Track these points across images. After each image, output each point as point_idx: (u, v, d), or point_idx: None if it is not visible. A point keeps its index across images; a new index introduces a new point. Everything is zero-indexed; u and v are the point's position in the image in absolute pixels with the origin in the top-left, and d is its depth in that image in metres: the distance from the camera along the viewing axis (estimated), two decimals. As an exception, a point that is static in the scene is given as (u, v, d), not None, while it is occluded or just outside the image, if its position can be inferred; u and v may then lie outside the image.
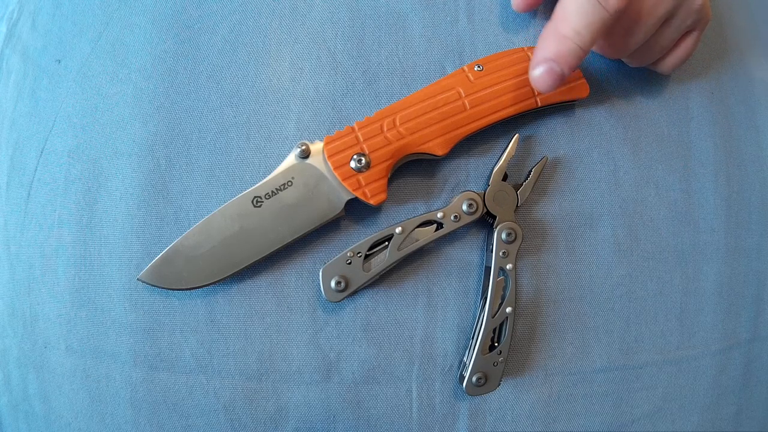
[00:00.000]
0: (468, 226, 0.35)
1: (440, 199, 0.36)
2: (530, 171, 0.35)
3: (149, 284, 0.32)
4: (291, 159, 0.33)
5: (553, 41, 0.31)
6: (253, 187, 0.33)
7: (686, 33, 0.35)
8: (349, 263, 0.33)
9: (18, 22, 0.37)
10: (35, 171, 0.35)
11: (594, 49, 0.36)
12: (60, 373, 0.34)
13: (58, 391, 0.35)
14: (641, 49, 0.35)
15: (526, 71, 0.34)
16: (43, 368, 0.35)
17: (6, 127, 0.36)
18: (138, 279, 0.32)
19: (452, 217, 0.34)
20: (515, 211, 0.34)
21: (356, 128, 0.33)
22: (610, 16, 0.30)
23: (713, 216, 0.37)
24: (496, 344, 0.34)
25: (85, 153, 0.35)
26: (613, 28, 0.32)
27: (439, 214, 0.33)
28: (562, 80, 0.31)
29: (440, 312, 0.35)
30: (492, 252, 0.34)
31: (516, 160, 0.36)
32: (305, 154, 0.33)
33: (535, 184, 0.35)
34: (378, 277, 0.33)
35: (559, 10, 0.31)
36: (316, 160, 0.33)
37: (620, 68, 0.38)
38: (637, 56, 0.35)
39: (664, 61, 0.36)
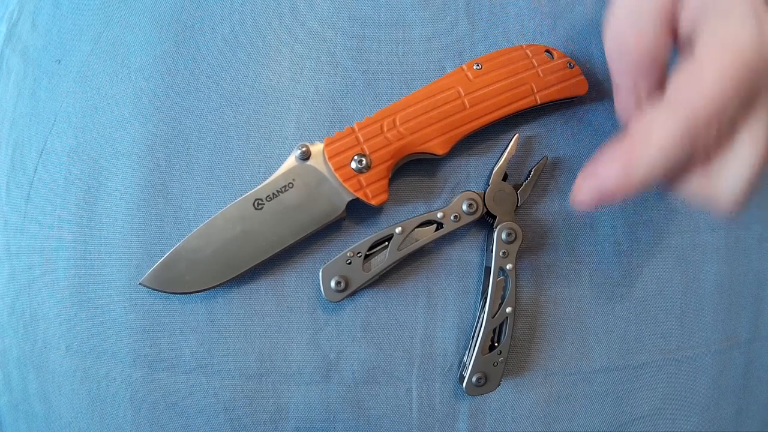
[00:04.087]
0: (468, 226, 0.35)
1: (440, 199, 0.36)
2: (530, 171, 0.35)
3: (151, 289, 0.32)
4: (291, 161, 0.33)
5: (622, 167, 0.27)
6: (254, 190, 0.33)
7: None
8: (349, 263, 0.33)
9: (18, 22, 0.37)
10: (35, 171, 0.35)
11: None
12: (60, 373, 0.34)
13: (58, 391, 0.35)
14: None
15: (524, 69, 0.34)
16: (43, 368, 0.35)
17: (6, 127, 0.36)
18: (140, 284, 0.32)
19: (452, 217, 0.34)
20: (515, 211, 0.34)
21: (356, 129, 0.33)
22: (689, 160, 0.27)
23: (713, 216, 0.37)
24: (496, 344, 0.34)
25: (85, 153, 0.35)
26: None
27: (439, 214, 0.33)
28: (602, 205, 0.29)
29: (440, 312, 0.35)
30: (492, 252, 0.34)
31: (516, 160, 0.36)
32: (306, 156, 0.33)
33: (535, 184, 0.35)
34: (378, 277, 0.33)
35: (637, 137, 0.27)
36: (317, 161, 0.33)
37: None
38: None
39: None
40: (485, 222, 0.35)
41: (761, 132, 0.28)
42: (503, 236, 0.34)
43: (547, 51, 0.35)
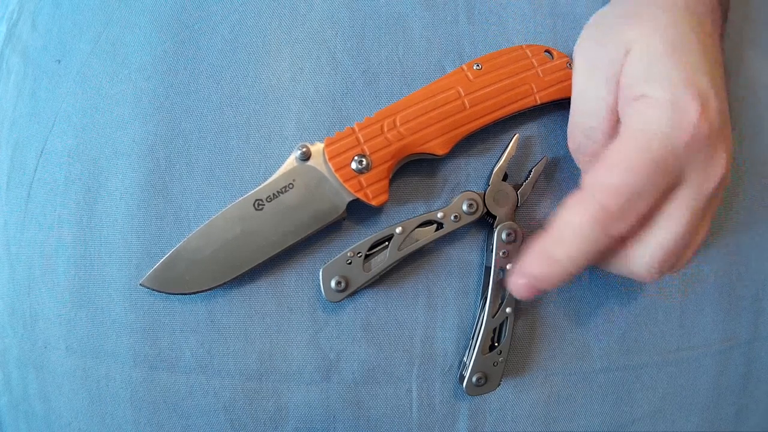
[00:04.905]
0: (468, 226, 0.35)
1: (440, 199, 0.36)
2: (530, 171, 0.35)
3: (152, 289, 0.32)
4: (291, 161, 0.33)
5: (542, 262, 0.29)
6: (254, 190, 0.33)
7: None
8: (350, 263, 0.33)
9: (18, 22, 0.37)
10: (35, 171, 0.35)
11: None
12: (60, 373, 0.34)
13: (58, 391, 0.35)
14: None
15: (524, 69, 0.34)
16: (43, 368, 0.35)
17: (6, 127, 0.36)
18: (140, 284, 0.32)
19: (452, 217, 0.34)
20: (515, 211, 0.34)
21: (357, 129, 0.33)
22: (611, 243, 0.28)
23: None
24: (496, 344, 0.34)
25: (85, 153, 0.35)
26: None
27: (439, 214, 0.33)
28: (541, 294, 0.30)
29: (440, 312, 0.35)
30: (492, 252, 0.34)
31: (516, 160, 0.36)
32: (306, 156, 0.33)
33: (535, 184, 0.35)
34: (378, 277, 0.33)
35: (554, 229, 0.29)
36: (317, 161, 0.33)
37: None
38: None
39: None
40: (485, 222, 0.35)
41: (680, 215, 0.28)
42: (503, 236, 0.34)
43: (547, 51, 0.35)
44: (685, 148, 0.27)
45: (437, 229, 0.34)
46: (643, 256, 0.29)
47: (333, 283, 0.32)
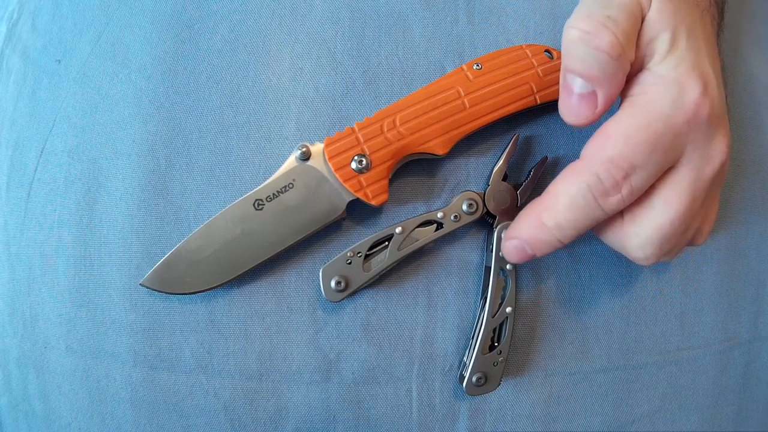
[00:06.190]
0: (468, 226, 0.35)
1: (440, 199, 0.36)
2: (530, 171, 0.35)
3: (152, 289, 0.32)
4: (291, 161, 0.33)
5: (533, 226, 0.29)
6: (254, 190, 0.33)
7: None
8: (349, 263, 0.33)
9: (18, 22, 0.37)
10: (35, 171, 0.35)
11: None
12: (60, 373, 0.34)
13: (58, 391, 0.35)
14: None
15: (524, 69, 0.34)
16: (43, 368, 0.35)
17: (6, 127, 0.36)
18: (140, 284, 0.32)
19: (452, 217, 0.34)
20: (515, 211, 0.34)
21: (356, 129, 0.33)
22: (604, 216, 0.28)
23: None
24: (496, 344, 0.34)
25: (85, 153, 0.35)
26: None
27: (439, 214, 0.34)
28: (532, 258, 0.30)
29: (440, 312, 0.35)
30: (492, 252, 0.34)
31: (516, 160, 0.36)
32: (306, 156, 0.33)
33: (535, 184, 0.35)
34: (378, 277, 0.33)
35: (549, 195, 0.29)
36: (317, 161, 0.33)
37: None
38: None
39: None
40: (485, 222, 0.35)
41: (677, 197, 0.28)
42: (503, 236, 0.34)
43: (547, 51, 0.35)
44: (685, 127, 0.27)
45: (437, 229, 0.34)
46: (638, 236, 0.29)
47: (333, 283, 0.32)
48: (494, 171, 0.34)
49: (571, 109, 0.30)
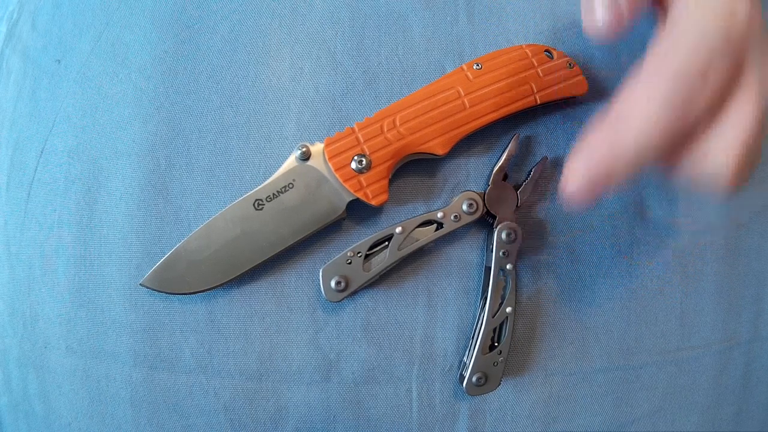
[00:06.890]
0: (468, 226, 0.35)
1: (440, 199, 0.36)
2: (530, 171, 0.35)
3: (152, 289, 0.32)
4: (291, 161, 0.33)
5: (607, 146, 0.25)
6: (254, 190, 0.33)
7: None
8: (349, 263, 0.33)
9: (18, 22, 0.37)
10: (35, 171, 0.35)
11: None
12: (60, 373, 0.34)
13: (58, 391, 0.35)
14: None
15: (524, 69, 0.34)
16: (43, 368, 0.35)
17: (6, 127, 0.36)
18: (140, 284, 0.32)
19: (452, 217, 0.34)
20: (515, 211, 0.34)
21: (356, 129, 0.33)
22: (679, 131, 0.25)
23: (715, 198, 0.37)
24: (496, 344, 0.34)
25: (85, 153, 0.35)
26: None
27: (439, 214, 0.33)
28: (596, 200, 0.26)
29: (440, 312, 0.35)
30: (492, 252, 0.34)
31: (516, 160, 0.36)
32: (306, 156, 0.33)
33: (535, 184, 0.35)
34: (378, 277, 0.33)
35: (619, 109, 0.26)
36: (317, 161, 0.33)
37: (620, 67, 0.38)
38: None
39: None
40: (485, 222, 0.35)
41: (751, 100, 0.26)
42: (503, 236, 0.34)
43: (547, 51, 0.35)
44: (741, 41, 0.25)
45: (437, 229, 0.34)
46: (717, 154, 0.26)
47: (333, 283, 0.32)
48: (494, 171, 0.34)
49: (596, 13, 0.26)
